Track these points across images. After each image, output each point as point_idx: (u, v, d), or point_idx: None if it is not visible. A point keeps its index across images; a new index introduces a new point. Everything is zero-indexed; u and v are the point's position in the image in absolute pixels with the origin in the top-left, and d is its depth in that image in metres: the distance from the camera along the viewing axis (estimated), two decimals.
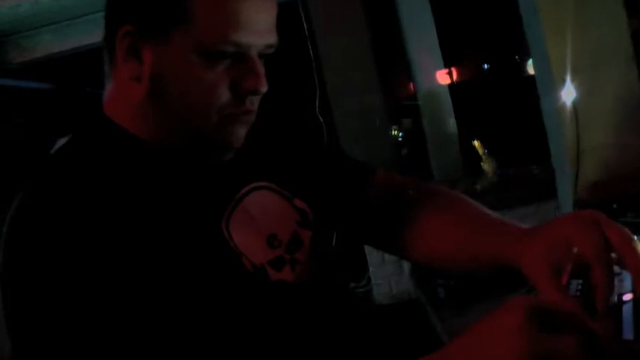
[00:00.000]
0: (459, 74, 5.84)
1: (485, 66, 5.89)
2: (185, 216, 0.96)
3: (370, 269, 3.95)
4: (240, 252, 0.99)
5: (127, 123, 1.00)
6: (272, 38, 0.98)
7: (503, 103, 4.56)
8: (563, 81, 1.65)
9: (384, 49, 4.56)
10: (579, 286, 0.87)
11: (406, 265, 3.58)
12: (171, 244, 0.92)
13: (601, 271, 0.82)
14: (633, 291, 0.84)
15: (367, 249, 3.81)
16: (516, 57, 5.66)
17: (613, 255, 0.85)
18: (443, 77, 5.13)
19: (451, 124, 4.54)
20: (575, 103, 1.66)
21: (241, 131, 1.00)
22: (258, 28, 0.95)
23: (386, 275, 3.94)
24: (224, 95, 0.95)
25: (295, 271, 1.04)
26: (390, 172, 1.24)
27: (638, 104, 1.81)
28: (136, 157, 0.99)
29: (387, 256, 3.82)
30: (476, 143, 3.72)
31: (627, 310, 0.81)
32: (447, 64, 5.21)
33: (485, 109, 4.74)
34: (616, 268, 0.85)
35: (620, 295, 0.85)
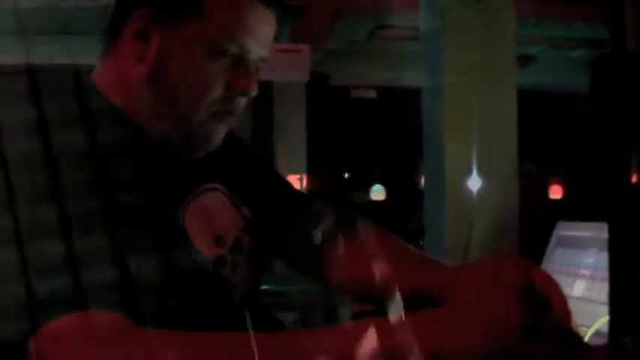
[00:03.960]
0: (314, 181, 6.01)
1: (346, 175, 6.19)
2: (149, 198, 1.00)
3: None
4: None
5: (117, 100, 1.05)
6: (267, 51, 1.08)
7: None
8: (470, 172, 1.82)
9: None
10: None
11: None
12: (130, 221, 0.95)
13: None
14: None
15: None
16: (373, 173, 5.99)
17: None
18: (293, 182, 5.29)
19: None
20: (475, 197, 1.84)
21: (222, 131, 1.08)
22: (261, 37, 1.05)
23: None
24: (217, 90, 1.04)
25: (233, 273, 1.11)
26: (327, 204, 1.33)
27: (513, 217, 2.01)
28: (119, 129, 1.03)
29: None
30: None
31: None
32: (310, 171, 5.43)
33: None
34: None
35: None
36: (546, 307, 0.86)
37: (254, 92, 1.07)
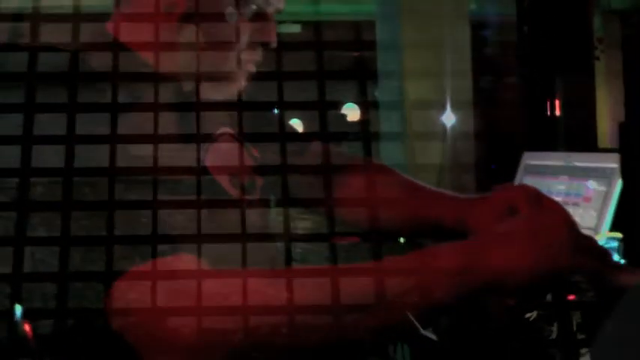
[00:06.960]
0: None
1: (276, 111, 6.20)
2: (174, 139, 1.02)
3: None
4: None
5: (141, 50, 1.04)
6: (283, 4, 1.13)
7: None
8: (444, 107, 1.89)
9: None
10: None
11: None
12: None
13: None
14: None
15: None
16: None
17: None
18: None
19: None
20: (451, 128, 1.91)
21: (244, 79, 1.12)
22: None
23: None
24: (243, 41, 1.08)
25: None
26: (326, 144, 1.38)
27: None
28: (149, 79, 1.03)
29: None
30: None
31: None
32: None
33: None
34: None
35: None
36: None
37: (274, 44, 1.11)
